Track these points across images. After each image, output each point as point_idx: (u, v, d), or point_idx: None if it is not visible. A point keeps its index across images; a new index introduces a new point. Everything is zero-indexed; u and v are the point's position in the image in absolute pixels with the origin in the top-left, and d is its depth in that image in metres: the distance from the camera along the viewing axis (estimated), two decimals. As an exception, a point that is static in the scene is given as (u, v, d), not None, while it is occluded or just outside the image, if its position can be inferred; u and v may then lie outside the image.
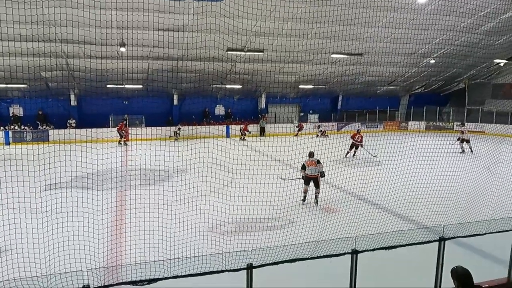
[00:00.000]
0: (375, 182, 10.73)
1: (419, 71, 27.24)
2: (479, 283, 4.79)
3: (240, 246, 6.18)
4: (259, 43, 19.32)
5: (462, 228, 4.90)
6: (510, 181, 10.65)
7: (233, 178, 12.54)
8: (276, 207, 8.68)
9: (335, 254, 4.02)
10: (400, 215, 9.13)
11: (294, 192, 9.54)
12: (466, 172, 10.51)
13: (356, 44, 20.43)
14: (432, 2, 17.41)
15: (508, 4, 17.65)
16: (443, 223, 4.99)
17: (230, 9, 11.56)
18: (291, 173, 11.59)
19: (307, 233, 7.11)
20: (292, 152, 10.01)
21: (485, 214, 7.57)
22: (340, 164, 14.06)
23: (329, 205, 9.77)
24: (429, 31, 20.05)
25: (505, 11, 18.47)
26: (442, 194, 9.23)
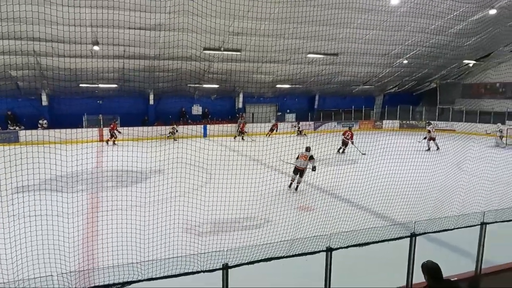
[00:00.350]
0: (350, 180, 10.90)
1: (393, 71, 27.87)
2: (448, 276, 4.96)
3: (216, 246, 6.15)
4: (236, 42, 19.29)
5: (432, 224, 5.04)
6: (478, 177, 11.04)
7: (210, 178, 12.50)
8: (252, 207, 8.69)
9: (310, 252, 4.06)
10: (374, 212, 9.33)
11: (271, 191, 9.59)
12: (437, 169, 10.85)
13: (332, 44, 20.70)
14: (404, 4, 17.85)
15: (475, 7, 18.28)
16: (414, 220, 5.13)
17: (205, 9, 11.50)
18: (268, 173, 11.61)
19: (283, 232, 7.16)
20: (269, 151, 10.08)
21: (454, 210, 7.83)
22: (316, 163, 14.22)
23: (305, 204, 9.87)
24: (401, 33, 20.54)
25: (473, 13, 19.13)
26: (414, 191, 9.47)
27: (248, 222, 8.62)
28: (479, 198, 8.49)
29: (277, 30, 18.31)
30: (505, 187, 10.03)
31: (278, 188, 10.20)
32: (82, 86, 21.31)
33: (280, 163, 11.94)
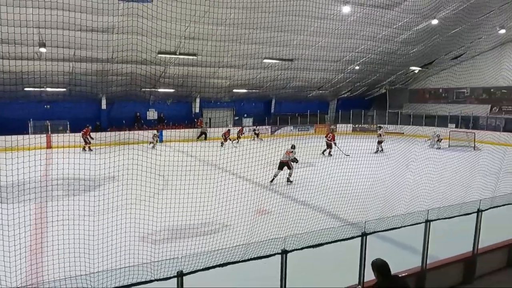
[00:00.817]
0: (306, 183, 11.16)
1: (345, 77, 28.91)
2: (396, 272, 5.21)
3: (171, 254, 6.03)
4: (192, 47, 19.15)
5: (381, 223, 5.28)
6: (422, 176, 11.69)
7: (165, 184, 12.25)
8: (210, 212, 8.62)
9: (265, 256, 4.10)
10: (328, 213, 9.60)
11: (229, 196, 9.55)
12: (386, 170, 11.37)
13: (287, 50, 21.15)
14: (354, 13, 18.60)
15: (419, 18, 19.45)
16: (365, 219, 5.34)
17: (160, 12, 11.32)
18: (226, 178, 11.58)
19: (241, 236, 7.17)
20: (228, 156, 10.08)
21: (401, 208, 8.22)
22: (273, 167, 14.40)
23: (262, 207, 9.93)
24: (352, 40, 21.37)
25: (417, 23, 20.34)
26: (365, 191, 9.87)
27: (205, 228, 8.55)
28: (424, 197, 9.01)
29: (233, 35, 18.44)
30: (446, 185, 10.70)
31: (236, 192, 10.18)
32: (27, 90, 20.12)
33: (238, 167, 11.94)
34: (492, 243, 6.59)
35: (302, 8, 15.41)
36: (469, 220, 6.11)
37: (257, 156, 11.76)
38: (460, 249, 6.30)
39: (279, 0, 15.17)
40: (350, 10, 18.05)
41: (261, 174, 11.54)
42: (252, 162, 11.58)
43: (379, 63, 26.14)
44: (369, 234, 4.89)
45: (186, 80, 22.96)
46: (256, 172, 11.43)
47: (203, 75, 22.86)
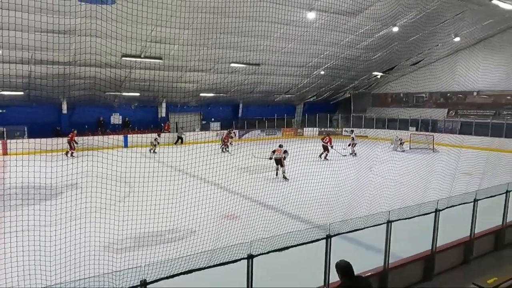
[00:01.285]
0: (273, 186, 11.24)
1: (311, 81, 29.45)
2: (360, 273, 5.34)
3: (136, 262, 5.88)
4: (157, 50, 18.85)
5: (345, 225, 5.40)
6: (386, 179, 12.09)
7: (130, 191, 11.96)
8: (177, 218, 8.47)
9: (231, 261, 4.09)
10: (295, 216, 9.71)
11: (197, 201, 9.44)
12: (350, 173, 11.66)
13: (254, 54, 21.23)
14: (319, 19, 19.01)
15: (380, 25, 20.17)
16: (329, 222, 5.44)
17: (123, 14, 11.08)
18: (194, 184, 11.45)
19: (208, 242, 7.11)
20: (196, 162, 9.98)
21: (366, 210, 8.45)
22: (242, 171, 14.41)
23: (230, 212, 9.90)
24: (317, 45, 21.84)
25: (378, 30, 21.07)
26: (330, 194, 10.04)
27: (172, 235, 8.41)
28: (386, 199, 9.30)
29: (200, 39, 18.34)
30: (407, 187, 11.10)
31: (203, 198, 10.09)
32: (-21, 93, 19.08)
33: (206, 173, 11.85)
34: (449, 241, 6.91)
35: (268, 14, 15.57)
36: (428, 219, 6.38)
37: (225, 160, 11.75)
38: (420, 247, 6.56)
39: (245, 5, 15.28)
40: (315, 16, 18.45)
41: (229, 179, 11.53)
42: (220, 167, 11.56)
43: (343, 68, 26.82)
44: (334, 236, 4.98)
45: (152, 84, 22.54)
46: (224, 177, 11.42)
47: (169, 79, 22.54)
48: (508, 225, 7.92)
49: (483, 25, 22.39)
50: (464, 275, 6.48)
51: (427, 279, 6.30)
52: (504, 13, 19.12)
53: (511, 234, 8.08)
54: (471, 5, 18.60)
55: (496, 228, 7.76)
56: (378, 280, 5.70)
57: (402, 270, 6.02)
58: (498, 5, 15.63)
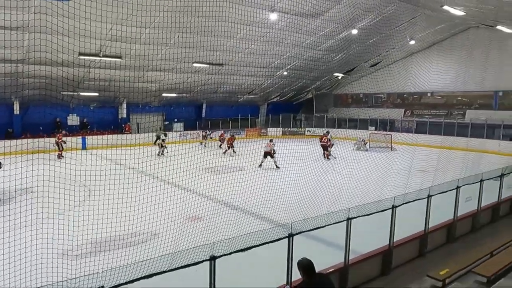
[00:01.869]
0: (238, 187, 11.20)
1: (274, 82, 29.72)
2: (322, 269, 5.46)
3: (96, 268, 5.67)
4: (116, 49, 18.29)
5: (307, 223, 5.49)
6: (347, 177, 12.43)
7: (89, 195, 11.55)
8: (139, 221, 8.27)
9: (193, 263, 4.04)
10: (259, 216, 9.76)
11: (160, 204, 9.25)
12: (313, 171, 11.89)
13: (217, 54, 21.15)
14: (281, 20, 19.21)
15: (340, 27, 20.71)
16: (292, 220, 5.52)
17: (79, 11, 10.67)
18: (156, 186, 11.20)
19: (171, 244, 6.99)
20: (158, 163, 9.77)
21: (328, 207, 8.62)
22: (205, 172, 14.29)
23: (194, 214, 9.79)
24: (280, 46, 22.09)
25: (338, 32, 21.62)
26: (295, 193, 10.18)
27: (133, 238, 8.19)
28: (347, 196, 9.56)
29: (161, 38, 17.96)
30: (366, 184, 11.48)
31: (166, 199, 9.90)
32: None
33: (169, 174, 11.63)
34: (405, 236, 7.21)
35: (230, 14, 15.54)
36: (386, 215, 6.62)
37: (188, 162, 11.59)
38: (379, 243, 6.80)
39: (206, 4, 15.18)
40: (277, 17, 18.62)
41: (192, 180, 11.39)
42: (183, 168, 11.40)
43: (305, 69, 27.29)
44: (295, 234, 5.05)
45: (111, 84, 21.84)
46: (188, 178, 11.28)
47: (130, 78, 21.94)
48: (459, 219, 8.39)
49: (435, 29, 23.56)
50: (419, 268, 6.79)
51: (385, 274, 6.55)
52: (454, 18, 20.23)
53: (461, 227, 8.57)
54: (424, 10, 19.51)
55: (448, 222, 8.20)
56: (339, 276, 5.84)
57: (361, 266, 6.21)
58: (448, 11, 16.54)
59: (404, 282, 6.30)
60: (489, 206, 9.63)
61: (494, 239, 7.81)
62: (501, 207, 10.02)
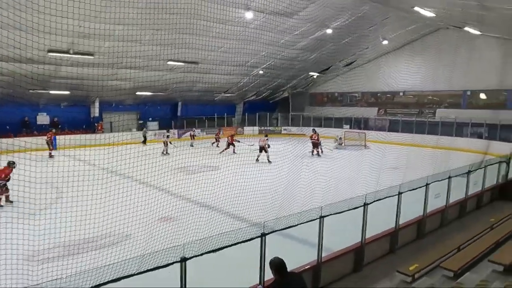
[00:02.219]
0: (212, 186, 11.13)
1: (250, 80, 29.67)
2: (295, 268, 5.49)
3: (62, 273, 5.48)
4: (87, 46, 17.80)
5: (280, 222, 5.50)
6: (322, 175, 12.55)
7: (60, 196, 11.20)
8: (111, 223, 8.06)
9: (163, 266, 3.96)
10: (233, 215, 9.73)
11: (132, 205, 9.06)
12: (288, 170, 11.94)
13: (192, 52, 20.90)
14: (256, 19, 19.20)
15: (315, 27, 20.89)
16: (266, 219, 5.51)
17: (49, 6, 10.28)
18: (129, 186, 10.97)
19: (143, 246, 6.86)
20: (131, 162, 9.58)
21: (300, 206, 8.67)
22: (179, 172, 14.13)
23: (167, 214, 9.65)
24: (255, 45, 22.02)
25: (313, 32, 21.81)
26: (268, 192, 10.20)
27: (104, 240, 8.00)
28: (320, 194, 9.64)
29: (134, 35, 17.61)
30: (339, 182, 11.63)
31: (139, 200, 9.72)
32: None
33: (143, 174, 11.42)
34: (377, 233, 7.35)
35: (205, 12, 15.42)
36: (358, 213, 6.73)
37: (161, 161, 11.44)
38: (351, 240, 6.90)
39: (180, 1, 14.98)
40: (252, 16, 18.61)
41: (166, 179, 11.23)
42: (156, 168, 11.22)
43: (281, 68, 27.40)
44: (268, 234, 5.05)
45: (83, 82, 21.24)
46: (161, 178, 11.11)
47: (102, 76, 21.40)
48: (428, 215, 8.63)
49: (407, 30, 24.12)
50: (390, 264, 6.93)
51: (357, 270, 6.65)
52: (425, 19, 20.78)
53: (431, 223, 8.82)
54: (396, 11, 19.94)
55: (418, 219, 8.42)
56: (312, 274, 5.89)
57: (334, 263, 6.28)
58: (419, 12, 16.98)
59: (375, 278, 6.42)
60: (457, 202, 9.96)
61: (461, 234, 8.06)
62: (468, 203, 10.38)
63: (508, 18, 12.71)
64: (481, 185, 11.09)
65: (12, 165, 11.33)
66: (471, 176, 10.36)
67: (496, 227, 8.00)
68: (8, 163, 11.44)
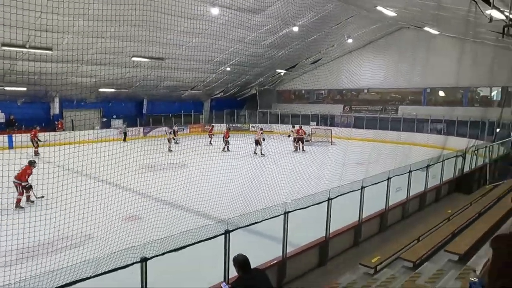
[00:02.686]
0: (179, 184, 10.95)
1: (217, 77, 29.47)
2: (260, 264, 5.50)
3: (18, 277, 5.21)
4: (46, 40, 16.97)
5: (244, 218, 5.49)
6: (289, 171, 12.66)
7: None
8: (73, 224, 7.75)
9: (122, 267, 3.84)
10: (199, 212, 9.63)
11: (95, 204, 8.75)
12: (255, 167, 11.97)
13: (157, 48, 20.42)
14: (223, 15, 19.05)
15: (281, 24, 20.99)
16: (230, 216, 5.48)
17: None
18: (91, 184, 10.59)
19: (107, 247, 6.66)
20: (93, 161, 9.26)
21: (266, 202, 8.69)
22: (144, 170, 13.83)
23: (132, 213, 9.41)
24: (222, 41, 21.88)
25: (280, 29, 21.91)
26: (234, 189, 10.17)
27: (66, 243, 7.68)
28: (286, 190, 9.74)
29: (96, 30, 16.99)
30: (305, 178, 11.78)
31: (103, 200, 9.40)
32: None
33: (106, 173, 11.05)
34: (341, 227, 7.50)
35: (170, 6, 15.08)
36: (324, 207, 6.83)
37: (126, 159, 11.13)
38: (318, 234, 6.99)
39: (144, -4, 14.61)
40: (219, 12, 18.44)
41: (131, 178, 10.94)
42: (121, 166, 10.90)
43: (248, 65, 27.37)
44: (232, 231, 5.02)
45: (41, 77, 20.28)
46: (126, 177, 10.81)
47: (62, 72, 20.52)
48: (390, 209, 8.90)
49: (370, 28, 24.75)
50: (354, 257, 7.10)
51: (322, 264, 6.77)
52: (387, 19, 21.40)
53: (393, 216, 9.11)
54: (360, 10, 20.40)
55: (380, 212, 8.67)
56: (277, 270, 5.92)
57: (299, 258, 6.35)
58: (382, 11, 17.46)
59: (340, 271, 6.55)
60: (417, 195, 10.35)
61: (421, 225, 8.37)
62: (428, 196, 10.82)
63: (461, 18, 13.29)
64: (440, 178, 11.58)
65: (33, 165, 11.06)
66: (430, 170, 10.79)
67: (453, 218, 8.36)
68: (29, 162, 11.12)
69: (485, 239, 6.09)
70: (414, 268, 5.87)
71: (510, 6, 6.27)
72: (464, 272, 4.80)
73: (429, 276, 5.09)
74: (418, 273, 5.42)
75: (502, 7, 7.62)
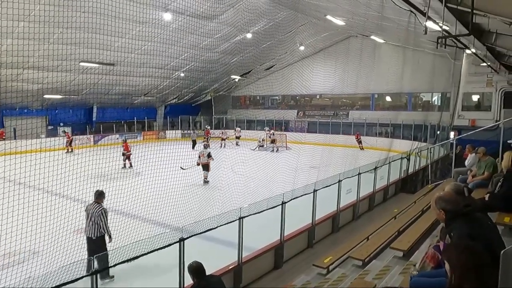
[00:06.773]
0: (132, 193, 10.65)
1: (171, 83, 29.07)
2: (216, 270, 5.51)
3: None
4: (-17, 43, 15.94)
5: (199, 225, 5.48)
6: (244, 176, 12.74)
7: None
8: (16, 240, 7.28)
9: (69, 281, 3.71)
10: (153, 221, 9.45)
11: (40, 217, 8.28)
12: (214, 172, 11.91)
13: (107, 53, 19.80)
14: (176, 21, 18.87)
15: (236, 30, 21.19)
16: (185, 223, 5.45)
17: None
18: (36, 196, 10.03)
19: (55, 262, 6.35)
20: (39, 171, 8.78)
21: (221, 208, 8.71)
22: (96, 179, 13.30)
23: (82, 225, 8.99)
24: (176, 47, 21.67)
25: (234, 35, 22.11)
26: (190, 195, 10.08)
27: (7, 260, 7.20)
28: (242, 195, 9.80)
29: (41, 33, 16.15)
30: (260, 183, 11.93)
31: (50, 212, 8.91)
32: None
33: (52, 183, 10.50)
34: (295, 229, 7.69)
35: (120, 11, 14.70)
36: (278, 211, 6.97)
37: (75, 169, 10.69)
38: (272, 238, 7.12)
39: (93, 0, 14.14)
40: (171, 17, 18.26)
41: (80, 188, 10.48)
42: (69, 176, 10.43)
43: (203, 70, 27.28)
44: (186, 239, 5.00)
45: (-21, 83, 18.95)
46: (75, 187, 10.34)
47: (2, 77, 19.28)
48: (342, 210, 9.25)
49: (321, 36, 25.65)
50: (308, 258, 7.29)
51: (278, 267, 6.89)
52: (337, 27, 22.29)
53: (344, 217, 9.47)
54: (311, 18, 21.08)
55: (332, 214, 8.99)
56: (233, 275, 5.96)
57: (255, 262, 6.43)
58: (331, 20, 18.17)
59: (294, 273, 6.70)
60: (367, 196, 10.84)
61: (370, 225, 8.78)
62: (376, 196, 11.36)
63: (403, 28, 14.18)
64: (387, 179, 12.21)
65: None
66: (378, 172, 11.35)
67: (399, 217, 8.85)
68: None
69: (425, 236, 6.52)
70: (363, 266, 6.14)
71: (442, 19, 6.81)
72: (406, 267, 5.11)
73: (376, 273, 5.36)
74: (366, 270, 5.68)
75: (437, 19, 8.24)
